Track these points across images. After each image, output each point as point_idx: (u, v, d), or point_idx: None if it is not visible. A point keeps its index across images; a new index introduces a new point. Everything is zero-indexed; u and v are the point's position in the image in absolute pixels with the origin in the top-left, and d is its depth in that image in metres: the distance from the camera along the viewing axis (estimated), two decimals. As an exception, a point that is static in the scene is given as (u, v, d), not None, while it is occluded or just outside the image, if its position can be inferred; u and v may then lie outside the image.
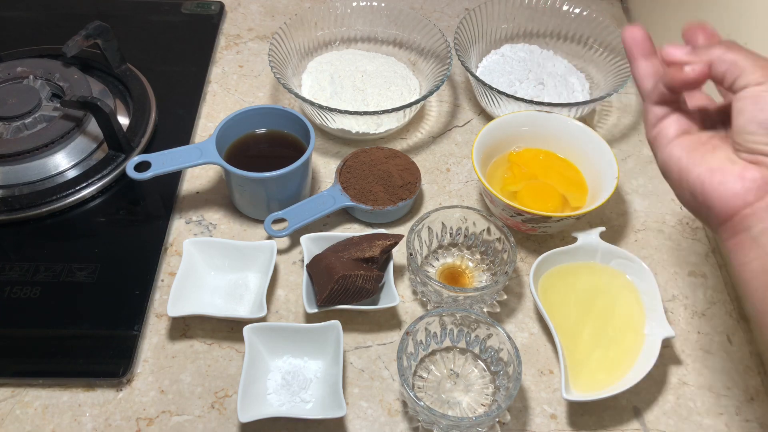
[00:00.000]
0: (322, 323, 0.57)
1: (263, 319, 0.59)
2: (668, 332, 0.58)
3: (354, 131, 0.76)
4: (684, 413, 0.58)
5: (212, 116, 0.81)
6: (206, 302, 0.62)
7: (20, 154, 0.69)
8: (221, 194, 0.72)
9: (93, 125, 0.73)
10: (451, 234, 0.66)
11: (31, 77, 0.76)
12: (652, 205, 0.74)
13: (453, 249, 0.67)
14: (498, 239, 0.64)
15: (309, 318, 0.62)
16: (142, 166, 0.65)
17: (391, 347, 0.61)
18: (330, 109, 0.71)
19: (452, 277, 0.65)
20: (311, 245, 0.64)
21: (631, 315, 0.61)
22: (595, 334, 0.61)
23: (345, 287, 0.58)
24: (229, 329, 0.61)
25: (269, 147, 0.72)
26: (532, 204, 0.66)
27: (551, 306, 0.61)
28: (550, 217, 0.63)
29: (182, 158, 0.66)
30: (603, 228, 0.66)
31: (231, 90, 0.84)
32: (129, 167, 0.64)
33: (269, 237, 0.67)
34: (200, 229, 0.69)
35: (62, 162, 0.71)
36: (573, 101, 0.80)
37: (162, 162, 0.65)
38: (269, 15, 0.95)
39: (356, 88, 0.79)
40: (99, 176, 0.70)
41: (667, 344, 0.62)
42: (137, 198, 0.71)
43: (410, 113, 0.77)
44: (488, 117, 0.81)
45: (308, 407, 0.55)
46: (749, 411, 0.58)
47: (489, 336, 0.57)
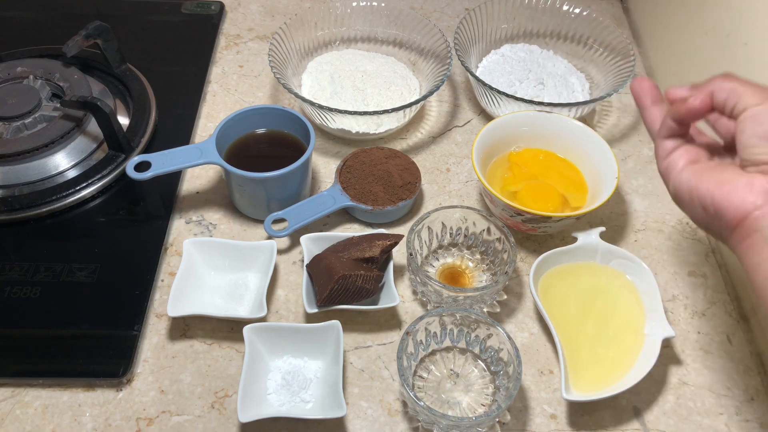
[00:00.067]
0: (322, 323, 0.57)
1: (263, 319, 0.59)
2: (668, 332, 0.58)
3: (354, 131, 0.76)
4: (684, 413, 0.58)
5: (212, 116, 0.81)
6: (206, 302, 0.62)
7: (20, 154, 0.69)
8: (221, 194, 0.72)
9: (93, 125, 0.73)
10: (451, 234, 0.66)
11: (31, 77, 0.76)
12: (652, 205, 0.74)
13: (453, 249, 0.67)
14: (498, 239, 0.64)
15: (309, 318, 0.62)
16: (142, 166, 0.65)
17: (391, 347, 0.61)
18: (330, 109, 0.71)
19: (452, 277, 0.65)
20: (311, 245, 0.64)
21: (631, 315, 0.61)
22: (595, 334, 0.61)
23: (345, 287, 0.58)
24: (229, 329, 0.61)
25: (269, 147, 0.72)
26: (532, 204, 0.66)
27: (551, 306, 0.61)
28: (550, 217, 0.63)
29: (182, 158, 0.66)
30: (603, 228, 0.66)
31: (231, 90, 0.84)
32: (129, 167, 0.65)
33: (269, 237, 0.67)
34: (200, 229, 0.69)
35: (62, 162, 0.71)
36: (573, 101, 0.80)
37: (162, 162, 0.65)
38: (269, 15, 0.95)
39: (356, 88, 0.79)
40: (99, 176, 0.70)
41: (667, 344, 0.62)
42: (137, 198, 0.71)
43: (410, 113, 0.77)
44: (488, 117, 0.81)
45: (308, 407, 0.55)
46: (749, 411, 0.58)
47: (489, 336, 0.57)
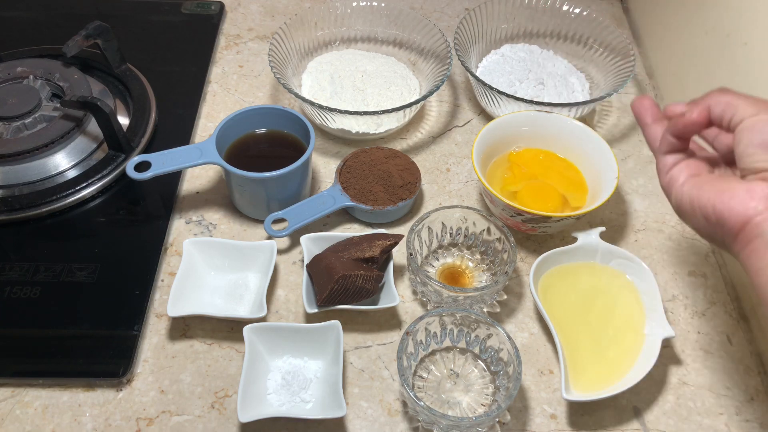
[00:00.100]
0: (322, 323, 0.57)
1: (263, 319, 0.59)
2: (668, 332, 0.58)
3: (354, 131, 0.76)
4: (684, 413, 0.58)
5: (212, 116, 0.81)
6: (206, 302, 0.62)
7: (20, 154, 0.69)
8: (221, 194, 0.72)
9: (93, 125, 0.73)
10: (451, 234, 0.66)
11: (31, 77, 0.76)
12: (652, 205, 0.74)
13: (453, 249, 0.67)
14: (498, 239, 0.64)
15: (309, 318, 0.62)
16: (142, 166, 0.65)
17: (391, 347, 0.61)
18: (330, 109, 0.71)
19: (452, 277, 0.65)
20: (311, 245, 0.64)
21: (631, 315, 0.61)
22: (595, 334, 0.61)
23: (345, 287, 0.58)
24: (229, 329, 0.61)
25: (269, 147, 0.72)
26: (532, 204, 0.66)
27: (551, 306, 0.61)
28: (550, 217, 0.63)
29: (182, 158, 0.66)
30: (603, 228, 0.66)
31: (231, 90, 0.84)
32: (129, 167, 0.65)
33: (269, 237, 0.67)
34: (200, 229, 0.69)
35: (62, 162, 0.71)
36: (573, 101, 0.80)
37: (162, 162, 0.65)
38: (269, 15, 0.95)
39: (356, 88, 0.79)
40: (99, 176, 0.70)
41: (667, 344, 0.62)
42: (137, 198, 0.71)
43: (410, 113, 0.77)
44: (488, 117, 0.81)
45: (308, 407, 0.55)
46: (749, 411, 0.58)
47: (489, 336, 0.57)
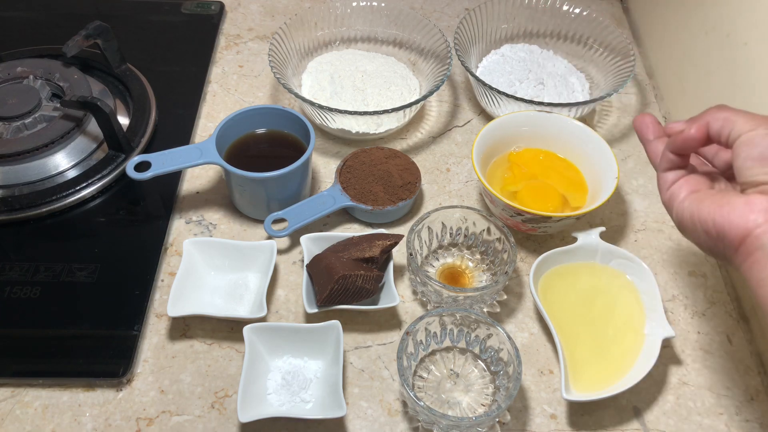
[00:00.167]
0: (322, 323, 0.57)
1: (263, 319, 0.59)
2: (668, 332, 0.58)
3: (354, 131, 0.76)
4: (684, 413, 0.58)
5: (212, 116, 0.81)
6: (206, 302, 0.62)
7: (20, 154, 0.69)
8: (221, 194, 0.72)
9: (93, 125, 0.73)
10: (451, 234, 0.66)
11: (31, 77, 0.76)
12: (652, 205, 0.74)
13: (453, 249, 0.67)
14: (498, 239, 0.64)
15: (309, 318, 0.62)
16: (142, 166, 0.65)
17: (391, 347, 0.61)
18: (330, 109, 0.71)
19: (452, 277, 0.65)
20: (311, 245, 0.64)
21: (631, 315, 0.61)
22: (595, 334, 0.61)
23: (345, 287, 0.58)
24: (229, 329, 0.61)
25: (269, 147, 0.72)
26: (532, 204, 0.66)
27: (551, 306, 0.61)
28: (550, 217, 0.63)
29: (182, 158, 0.66)
30: (603, 228, 0.66)
31: (231, 90, 0.84)
32: (129, 167, 0.65)
33: (269, 237, 0.67)
34: (200, 229, 0.69)
35: (62, 162, 0.71)
36: (573, 101, 0.80)
37: (162, 162, 0.65)
38: (269, 15, 0.95)
39: (356, 88, 0.79)
40: (99, 176, 0.70)
41: (667, 344, 0.62)
42: (137, 198, 0.71)
43: (410, 113, 0.77)
44: (488, 117, 0.81)
45: (308, 407, 0.55)
46: (749, 411, 0.58)
47: (489, 336, 0.57)
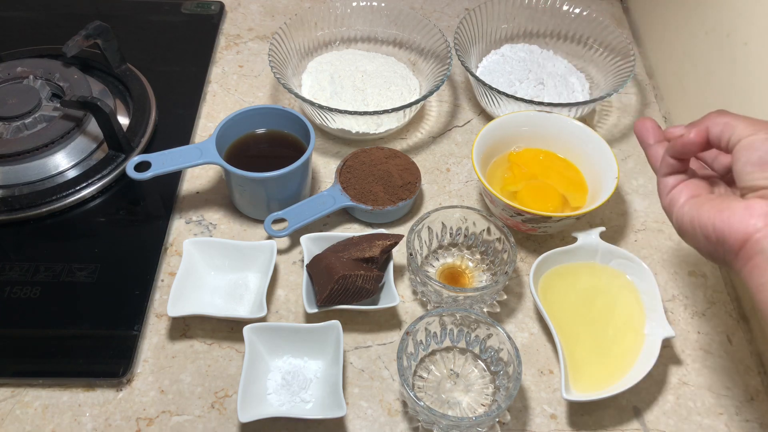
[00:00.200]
0: (322, 323, 0.57)
1: (263, 319, 0.59)
2: (668, 332, 0.58)
3: (354, 131, 0.76)
4: (684, 413, 0.58)
5: (212, 116, 0.81)
6: (206, 302, 0.62)
7: (20, 154, 0.69)
8: (221, 194, 0.72)
9: (93, 125, 0.73)
10: (451, 234, 0.66)
11: (31, 77, 0.76)
12: (652, 205, 0.74)
13: (453, 249, 0.67)
14: (498, 239, 0.64)
15: (309, 318, 0.62)
16: (142, 166, 0.65)
17: (391, 347, 0.61)
18: (330, 109, 0.71)
19: (452, 277, 0.65)
20: (311, 245, 0.64)
21: (631, 315, 0.61)
22: (595, 334, 0.61)
23: (345, 287, 0.58)
24: (229, 329, 0.61)
25: (269, 147, 0.72)
26: (532, 204, 0.66)
27: (551, 306, 0.61)
28: (550, 217, 0.63)
29: (182, 158, 0.66)
30: (603, 228, 0.66)
31: (231, 90, 0.84)
32: (129, 167, 0.65)
33: (269, 237, 0.67)
34: (200, 229, 0.69)
35: (62, 162, 0.71)
36: (573, 101, 0.80)
37: (162, 162, 0.65)
38: (269, 15, 0.95)
39: (356, 88, 0.79)
40: (99, 176, 0.70)
41: (667, 344, 0.62)
42: (137, 198, 0.71)
43: (410, 113, 0.77)
44: (488, 117, 0.81)
45: (308, 407, 0.55)
46: (749, 411, 0.58)
47: (489, 336, 0.57)
